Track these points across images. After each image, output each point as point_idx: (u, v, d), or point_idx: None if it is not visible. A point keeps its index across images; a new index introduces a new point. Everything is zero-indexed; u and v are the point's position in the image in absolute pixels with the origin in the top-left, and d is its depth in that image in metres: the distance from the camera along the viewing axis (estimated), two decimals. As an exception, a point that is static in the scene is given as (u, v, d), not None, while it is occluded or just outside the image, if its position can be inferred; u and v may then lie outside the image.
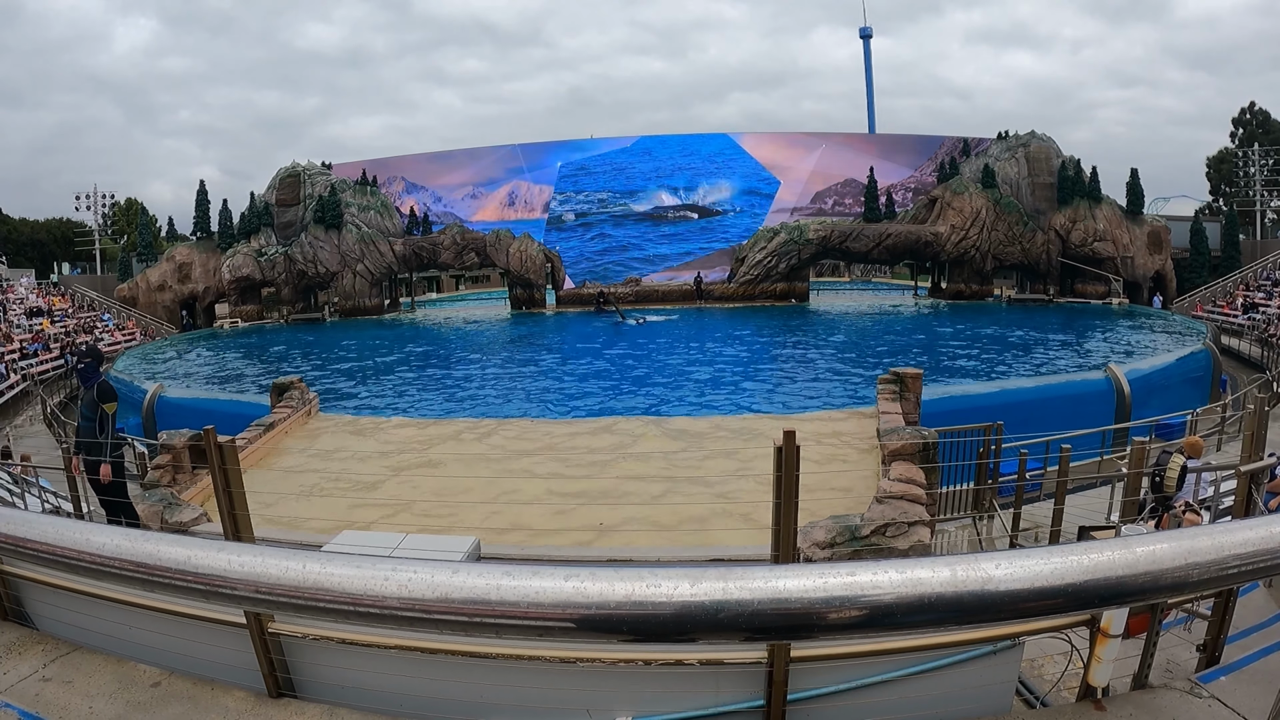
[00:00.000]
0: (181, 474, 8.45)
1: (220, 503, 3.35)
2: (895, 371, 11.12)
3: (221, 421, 5.42)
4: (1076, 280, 42.75)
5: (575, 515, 7.65)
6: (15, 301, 36.44)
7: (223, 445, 3.38)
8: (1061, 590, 1.25)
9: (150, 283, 43.89)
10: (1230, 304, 35.29)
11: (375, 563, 1.38)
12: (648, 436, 10.90)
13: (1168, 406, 15.94)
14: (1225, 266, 41.75)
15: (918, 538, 6.21)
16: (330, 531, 6.22)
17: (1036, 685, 3.83)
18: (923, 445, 7.66)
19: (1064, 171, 44.24)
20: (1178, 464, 7.16)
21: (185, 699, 2.66)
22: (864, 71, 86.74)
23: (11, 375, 25.99)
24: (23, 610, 3.20)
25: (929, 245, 43.30)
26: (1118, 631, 2.95)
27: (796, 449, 3.07)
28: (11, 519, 1.83)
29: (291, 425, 11.22)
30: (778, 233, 44.72)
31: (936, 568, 1.26)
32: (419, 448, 10.46)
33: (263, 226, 45.96)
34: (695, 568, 1.30)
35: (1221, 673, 2.82)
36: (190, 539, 1.61)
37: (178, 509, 7.34)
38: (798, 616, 1.23)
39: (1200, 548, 1.31)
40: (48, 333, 33.09)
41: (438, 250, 45.74)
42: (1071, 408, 15.05)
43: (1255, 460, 4.22)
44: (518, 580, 1.28)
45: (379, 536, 5.63)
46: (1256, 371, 23.26)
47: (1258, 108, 58.06)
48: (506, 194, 56.59)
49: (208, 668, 2.89)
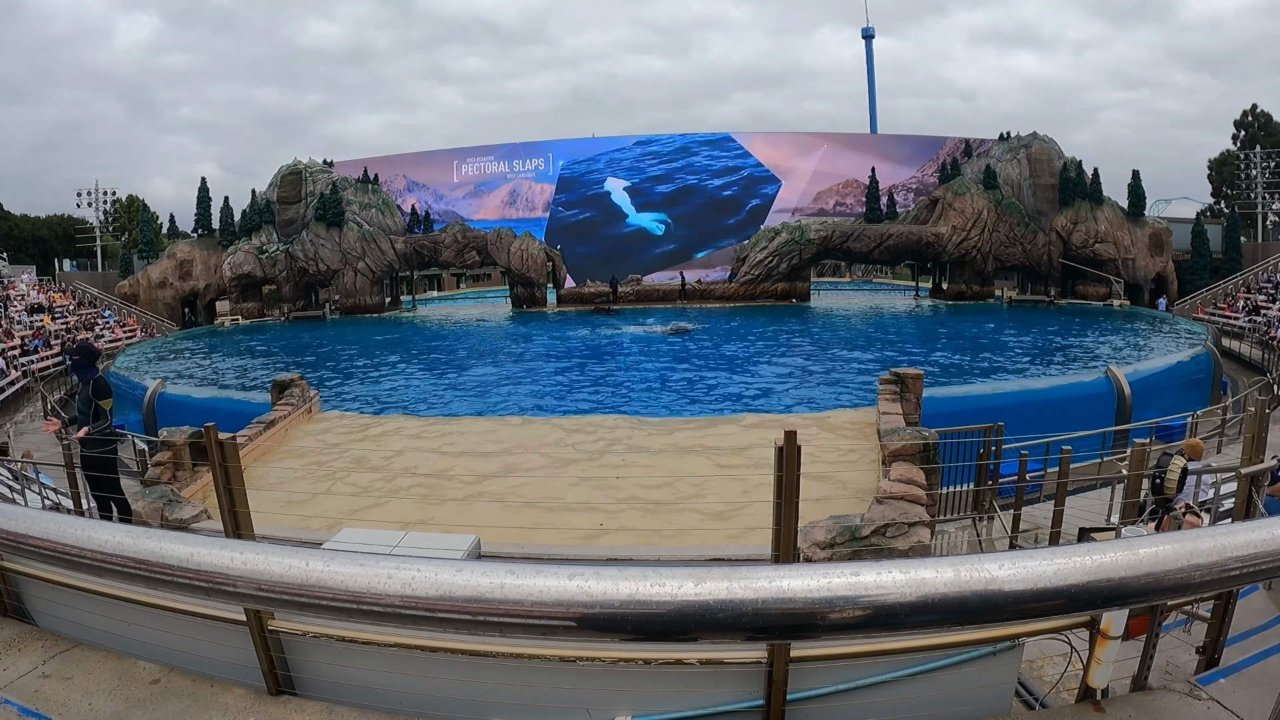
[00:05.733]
0: (182, 471, 8.45)
1: (221, 500, 3.35)
2: (896, 372, 11.11)
3: (222, 419, 5.42)
4: (1077, 282, 42.75)
5: (575, 514, 7.64)
6: (16, 298, 36.44)
7: (223, 442, 3.38)
8: (1064, 591, 1.25)
9: (151, 280, 43.90)
10: (1231, 306, 35.27)
11: (378, 561, 1.38)
12: (648, 435, 10.89)
13: (1168, 408, 15.93)
14: (1226, 269, 41.72)
15: (918, 538, 6.21)
16: (330, 529, 6.23)
17: (1036, 686, 3.83)
18: (923, 446, 7.66)
19: (1066, 173, 44.22)
20: (1178, 466, 7.16)
21: (185, 696, 2.65)
22: (866, 72, 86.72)
23: (12, 371, 26.01)
24: (22, 606, 3.19)
25: (930, 246, 43.29)
26: (1117, 633, 2.95)
27: (797, 449, 3.07)
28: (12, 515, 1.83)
29: (292, 423, 11.22)
30: (779, 233, 44.73)
31: (940, 568, 1.26)
32: (419, 445, 10.46)
33: (264, 224, 45.98)
34: (699, 567, 1.30)
35: (1221, 675, 2.82)
36: (192, 536, 1.61)
37: (178, 506, 7.34)
38: (801, 616, 1.23)
39: (1202, 550, 1.31)
40: (48, 329, 33.09)
41: (439, 248, 45.75)
42: (1072, 409, 15.05)
43: (1256, 463, 4.23)
44: (522, 579, 1.28)
45: (379, 534, 5.62)
46: (1257, 374, 23.24)
47: (1260, 110, 58.06)
48: (508, 192, 56.61)
49: (207, 665, 2.89)
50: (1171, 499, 7.01)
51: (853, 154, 53.21)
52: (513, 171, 56.77)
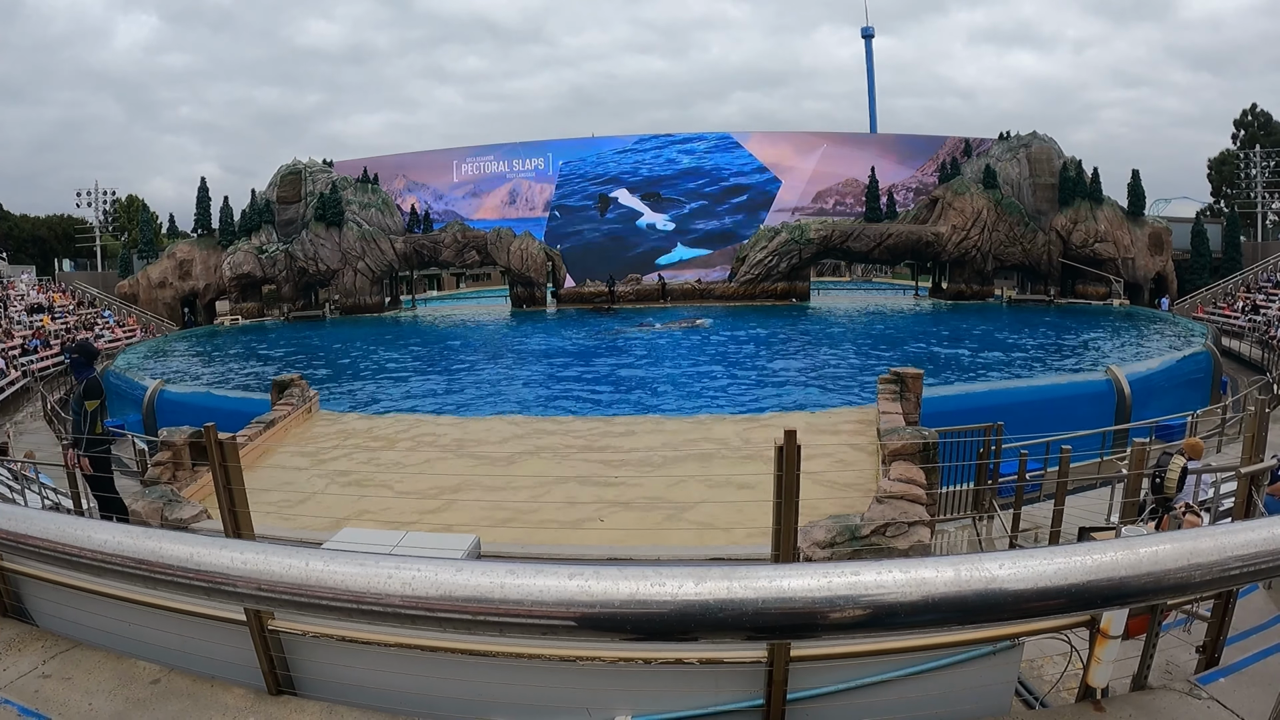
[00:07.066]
0: (182, 471, 8.45)
1: (221, 500, 3.34)
2: (896, 371, 11.11)
3: (222, 418, 5.42)
4: (1077, 281, 42.75)
5: (575, 513, 7.65)
6: (16, 298, 36.44)
7: (223, 442, 3.38)
8: (1065, 590, 1.25)
9: (151, 280, 43.90)
10: (1231, 306, 35.27)
11: (378, 560, 1.37)
12: (647, 434, 10.89)
13: (1168, 408, 15.93)
14: (1226, 268, 41.73)
15: (918, 538, 6.21)
16: (330, 529, 6.22)
17: (1036, 686, 3.83)
18: (923, 445, 7.66)
19: (1065, 172, 44.22)
20: (1178, 465, 7.16)
21: (185, 696, 2.65)
22: (866, 71, 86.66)
23: (12, 371, 26.01)
24: (22, 606, 3.19)
25: (930, 245, 43.29)
26: (1117, 632, 2.95)
27: (797, 448, 3.07)
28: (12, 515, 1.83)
29: (292, 422, 11.23)
30: (779, 232, 44.73)
31: (940, 568, 1.26)
32: (418, 445, 10.46)
33: (264, 224, 45.96)
34: (699, 567, 1.30)
35: (1221, 674, 2.82)
36: (192, 536, 1.61)
37: (178, 506, 7.34)
38: (802, 616, 1.23)
39: (1202, 549, 1.31)
40: (48, 329, 33.09)
41: (438, 248, 45.75)
42: (1072, 408, 15.05)
43: (1256, 462, 4.23)
44: (522, 579, 1.28)
45: (378, 534, 5.63)
46: (1257, 373, 23.25)
47: (1259, 109, 58.07)
48: (507, 192, 56.61)
49: (207, 665, 2.89)
50: (1171, 498, 7.01)
51: (852, 153, 53.22)
52: (512, 171, 56.76)
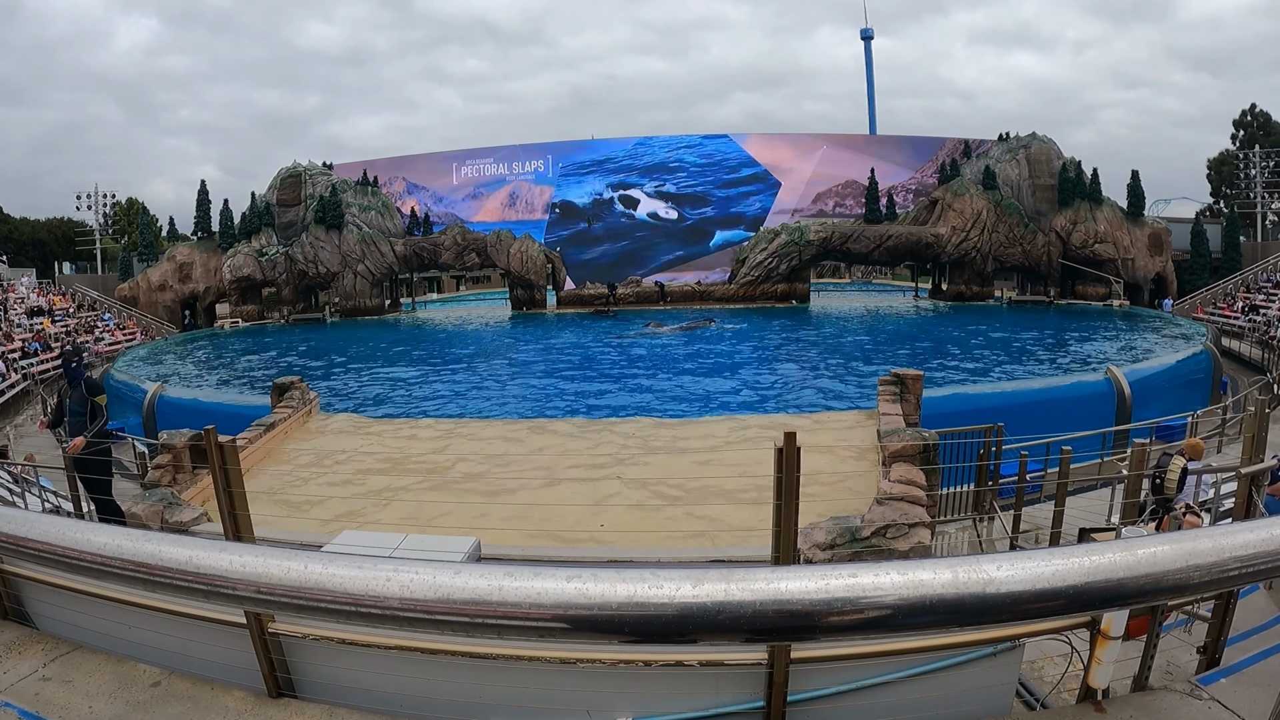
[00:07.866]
0: (182, 474, 8.44)
1: (221, 503, 3.35)
2: (896, 373, 11.10)
3: (222, 421, 5.41)
4: (1077, 282, 42.76)
5: (575, 516, 7.64)
6: (16, 301, 36.44)
7: (223, 445, 3.38)
8: (1063, 592, 1.25)
9: (151, 282, 43.92)
10: (1231, 306, 35.27)
11: (377, 563, 1.37)
12: (647, 437, 10.89)
13: (1168, 408, 15.92)
14: (1226, 268, 41.74)
15: (918, 539, 6.20)
16: (330, 532, 6.22)
17: (1036, 687, 3.83)
18: (923, 447, 7.65)
19: (1065, 173, 44.24)
20: (1178, 466, 7.16)
21: (185, 699, 2.65)
22: (865, 72, 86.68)
23: (12, 374, 26.01)
24: (23, 609, 3.19)
25: (930, 247, 43.29)
26: (1118, 633, 2.94)
27: (797, 450, 3.07)
28: (12, 518, 1.83)
29: (292, 425, 11.22)
30: (778, 234, 44.74)
31: (938, 569, 1.26)
32: (419, 448, 10.45)
33: (264, 226, 45.99)
34: (697, 569, 1.29)
35: (1221, 675, 2.82)
36: (191, 539, 1.61)
37: (178, 509, 7.33)
38: (800, 618, 1.23)
39: (1201, 550, 1.30)
40: (48, 332, 33.09)
41: (438, 251, 45.77)
42: (1072, 409, 15.04)
43: (1256, 462, 4.23)
44: (519, 581, 1.28)
45: (379, 537, 5.62)
46: (1257, 374, 23.24)
47: (1259, 110, 58.09)
48: (507, 194, 56.63)
49: (208, 667, 2.89)
50: (1171, 499, 7.02)
51: (852, 155, 53.24)
52: (512, 174, 56.79)
